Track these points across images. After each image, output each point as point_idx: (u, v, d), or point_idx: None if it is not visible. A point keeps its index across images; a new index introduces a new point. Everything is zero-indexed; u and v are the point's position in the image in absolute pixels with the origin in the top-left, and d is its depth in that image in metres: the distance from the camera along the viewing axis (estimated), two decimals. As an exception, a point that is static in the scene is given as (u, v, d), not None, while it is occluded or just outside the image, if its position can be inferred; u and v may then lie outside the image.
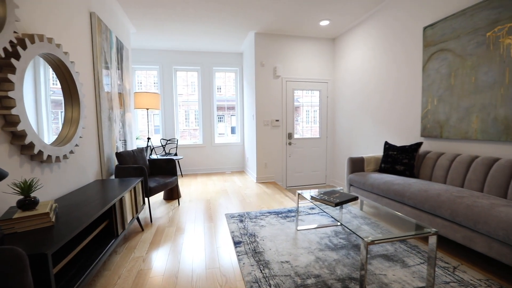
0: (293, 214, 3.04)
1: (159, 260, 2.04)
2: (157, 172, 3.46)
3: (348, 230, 2.62)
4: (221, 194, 4.03)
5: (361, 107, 4.15)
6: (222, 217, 2.99)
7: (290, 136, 4.79)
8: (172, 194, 3.74)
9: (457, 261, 1.99)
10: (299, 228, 2.61)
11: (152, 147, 5.06)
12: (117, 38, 3.37)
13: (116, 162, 3.19)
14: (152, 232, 2.58)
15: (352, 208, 3.26)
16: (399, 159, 2.88)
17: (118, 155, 2.88)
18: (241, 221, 2.84)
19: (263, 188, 4.37)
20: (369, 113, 3.96)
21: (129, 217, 2.21)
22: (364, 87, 4.04)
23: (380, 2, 3.53)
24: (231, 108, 6.33)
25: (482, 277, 1.77)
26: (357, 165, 3.21)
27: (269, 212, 3.11)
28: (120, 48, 3.50)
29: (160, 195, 3.96)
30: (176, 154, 5.37)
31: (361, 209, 3.18)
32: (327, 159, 5.06)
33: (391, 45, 3.47)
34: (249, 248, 2.21)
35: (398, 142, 3.42)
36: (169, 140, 5.38)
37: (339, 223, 2.76)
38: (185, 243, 2.33)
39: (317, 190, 2.60)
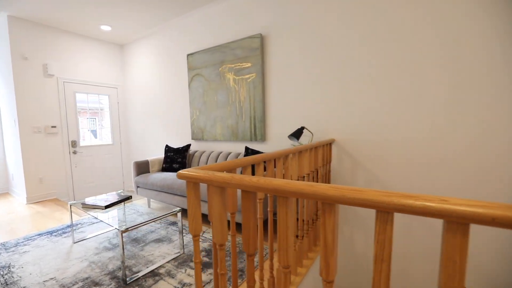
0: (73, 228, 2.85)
1: None
2: None
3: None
4: (-43, 230, 2.91)
5: (150, 114, 4.54)
6: (-46, 260, 2.23)
7: (74, 144, 4.28)
8: None
9: (206, 227, 2.83)
10: (76, 240, 2.53)
11: None
12: None
13: None
14: None
15: (140, 206, 3.54)
16: (175, 158, 3.53)
17: None
18: (-10, 255, 2.28)
19: (37, 208, 3.63)
20: (157, 120, 4.43)
21: None
22: (152, 95, 4.46)
23: (158, 24, 4.03)
24: (-21, 109, 4.57)
25: (218, 232, 2.67)
26: (142, 167, 3.54)
27: (39, 234, 2.71)
28: None
29: None
30: None
31: (149, 206, 3.55)
32: (123, 165, 5.04)
33: (168, 63, 4.10)
34: (-2, 282, 1.88)
35: (178, 144, 4.13)
36: None
37: (123, 224, 2.95)
38: None
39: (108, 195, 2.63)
